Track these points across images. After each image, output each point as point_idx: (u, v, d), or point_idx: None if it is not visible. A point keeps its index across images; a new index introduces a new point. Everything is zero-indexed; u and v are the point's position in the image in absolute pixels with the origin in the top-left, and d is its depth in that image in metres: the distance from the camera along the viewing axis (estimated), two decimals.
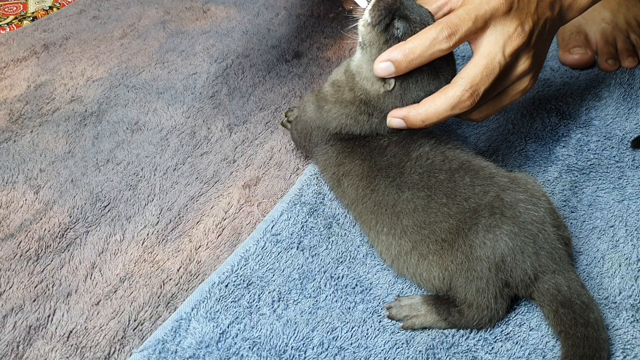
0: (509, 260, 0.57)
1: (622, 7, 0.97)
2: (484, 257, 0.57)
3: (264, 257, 0.67)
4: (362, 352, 0.58)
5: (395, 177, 0.63)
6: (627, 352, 0.58)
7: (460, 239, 0.58)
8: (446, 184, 0.61)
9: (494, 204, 0.58)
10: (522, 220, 0.57)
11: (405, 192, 0.62)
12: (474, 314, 0.58)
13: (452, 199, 0.60)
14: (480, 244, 0.57)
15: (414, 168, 0.63)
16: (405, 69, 0.59)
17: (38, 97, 0.92)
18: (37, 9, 1.15)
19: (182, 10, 1.15)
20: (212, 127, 0.87)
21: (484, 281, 0.57)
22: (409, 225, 0.61)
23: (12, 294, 0.64)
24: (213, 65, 0.99)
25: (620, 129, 0.83)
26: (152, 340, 0.59)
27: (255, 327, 0.60)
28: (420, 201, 0.61)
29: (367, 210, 0.65)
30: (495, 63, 0.58)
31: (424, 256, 0.60)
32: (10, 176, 0.78)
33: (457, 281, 0.58)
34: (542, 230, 0.58)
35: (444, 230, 0.59)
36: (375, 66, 0.60)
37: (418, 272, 0.62)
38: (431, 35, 0.57)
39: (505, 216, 0.57)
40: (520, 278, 0.57)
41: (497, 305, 0.58)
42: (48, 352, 0.59)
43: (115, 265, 0.68)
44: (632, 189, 0.74)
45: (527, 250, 0.57)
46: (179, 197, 0.76)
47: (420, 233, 0.60)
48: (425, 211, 0.60)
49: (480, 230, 0.57)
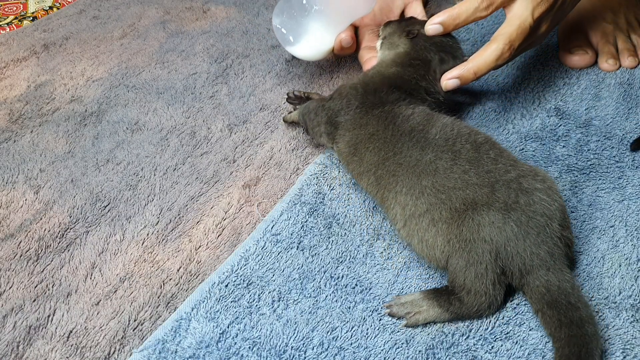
0: (511, 246, 0.57)
1: (623, 7, 0.97)
2: (488, 239, 0.57)
3: (264, 257, 0.67)
4: (362, 352, 0.58)
5: (419, 140, 0.65)
6: (627, 352, 0.58)
7: (471, 212, 0.58)
8: (471, 153, 0.62)
9: (512, 186, 0.59)
10: (534, 209, 0.58)
11: (429, 154, 0.63)
12: (473, 300, 0.58)
13: (475, 168, 0.61)
14: (488, 223, 0.57)
15: (439, 134, 0.65)
16: (452, 28, 0.75)
17: (38, 97, 0.92)
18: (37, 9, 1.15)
19: (182, 10, 1.15)
20: (212, 127, 0.87)
21: (483, 266, 0.57)
22: (427, 186, 0.62)
23: (12, 294, 0.64)
24: (213, 65, 0.99)
25: (620, 129, 0.83)
26: (152, 340, 0.59)
27: (255, 327, 0.60)
28: (442, 163, 0.62)
29: (387, 173, 0.66)
30: (527, 24, 0.73)
31: (435, 222, 0.61)
32: (10, 176, 0.78)
33: (457, 263, 0.59)
34: (549, 225, 0.58)
35: (460, 199, 0.60)
36: (427, 28, 0.75)
37: (425, 238, 0.62)
38: (474, 5, 0.73)
39: (519, 202, 0.58)
40: (517, 267, 0.57)
41: (495, 291, 0.58)
42: (48, 352, 0.59)
43: (115, 265, 0.68)
44: (632, 189, 0.74)
45: (530, 240, 0.57)
46: (179, 197, 0.76)
47: (437, 197, 0.61)
48: (446, 175, 0.61)
49: (491, 211, 0.58)
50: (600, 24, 0.96)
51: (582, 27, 0.97)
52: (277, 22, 0.87)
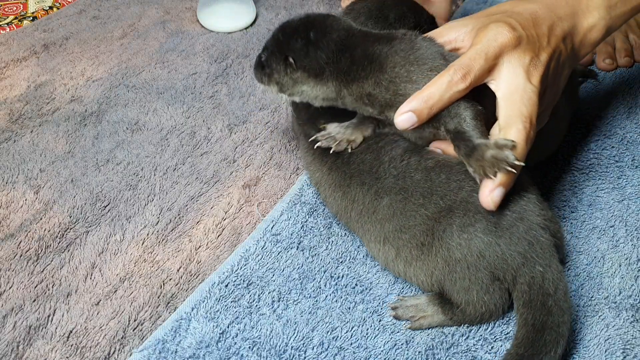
0: (488, 255, 0.56)
1: None
2: (462, 258, 0.56)
3: (264, 257, 0.67)
4: (362, 352, 0.58)
5: (372, 184, 0.62)
6: (627, 352, 0.58)
7: (437, 241, 0.57)
8: (422, 184, 0.60)
9: (469, 200, 0.57)
10: (498, 212, 0.56)
11: (385, 198, 0.61)
12: (475, 311, 0.58)
13: (429, 198, 0.59)
14: (456, 245, 0.56)
15: (388, 171, 0.62)
16: (427, 115, 0.57)
17: (38, 97, 0.92)
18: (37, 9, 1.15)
19: (182, 10, 1.14)
20: (212, 127, 0.87)
21: (466, 281, 0.57)
22: (390, 231, 0.61)
23: (12, 294, 0.64)
24: (213, 65, 0.99)
25: (620, 128, 0.83)
26: (152, 340, 0.59)
27: (255, 327, 0.60)
28: (398, 205, 0.60)
29: (352, 220, 0.65)
30: (529, 92, 0.56)
31: (409, 262, 0.60)
32: (10, 176, 0.78)
33: (444, 284, 0.59)
34: (521, 220, 0.56)
35: (423, 233, 0.58)
36: (397, 120, 0.58)
37: (409, 277, 0.62)
38: (446, 79, 0.56)
39: (480, 212, 0.56)
40: (503, 269, 0.56)
41: (492, 299, 0.58)
42: (48, 352, 0.59)
43: (115, 265, 0.68)
44: (631, 188, 0.74)
45: (504, 241, 0.56)
46: (179, 197, 0.76)
47: (402, 238, 0.60)
48: (403, 214, 0.60)
49: (454, 232, 0.57)
50: None
51: None
52: None
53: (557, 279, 0.56)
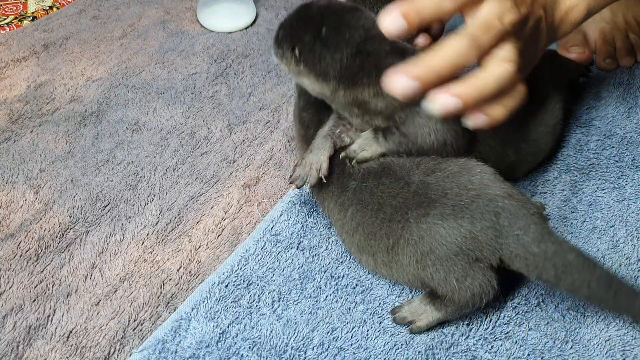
0: (453, 239, 0.54)
1: (622, 6, 0.97)
2: (428, 250, 0.55)
3: (264, 257, 0.67)
4: (362, 353, 0.58)
5: (339, 196, 0.63)
6: (626, 353, 0.58)
7: (401, 240, 0.57)
8: (375, 189, 0.60)
9: (419, 192, 0.57)
10: (451, 195, 0.55)
11: (349, 209, 0.61)
12: (463, 298, 0.57)
13: (384, 201, 0.59)
14: (418, 239, 0.56)
15: (349, 182, 0.62)
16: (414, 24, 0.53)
17: (38, 97, 0.92)
18: (37, 9, 1.15)
19: (182, 10, 1.14)
20: (212, 127, 0.87)
21: (441, 272, 0.56)
22: (361, 241, 0.61)
23: (12, 294, 0.64)
24: (213, 65, 0.99)
25: (620, 128, 0.83)
26: (152, 340, 0.59)
27: (255, 327, 0.60)
28: (358, 214, 0.60)
29: (337, 232, 0.66)
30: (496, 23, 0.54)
31: (388, 266, 0.60)
32: (10, 176, 0.78)
33: (424, 281, 0.58)
34: (478, 197, 0.55)
35: (386, 236, 0.58)
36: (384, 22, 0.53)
37: (395, 280, 0.62)
38: None
39: (433, 200, 0.56)
40: (478, 248, 0.55)
41: (475, 281, 0.56)
42: (48, 352, 0.59)
43: (115, 265, 0.68)
44: (632, 188, 0.74)
45: (467, 222, 0.54)
46: (179, 197, 0.76)
47: (372, 245, 0.60)
48: (366, 223, 0.60)
49: (412, 226, 0.56)
50: (598, 23, 0.96)
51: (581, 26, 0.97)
52: None
53: (540, 233, 0.54)
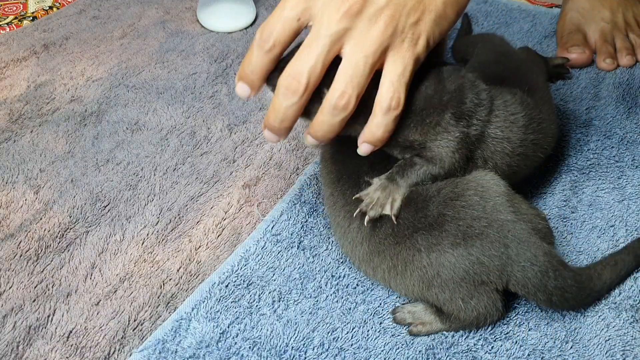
0: (462, 266, 0.55)
1: (622, 6, 0.97)
2: (436, 275, 0.56)
3: (264, 257, 0.67)
4: (362, 353, 0.58)
5: (344, 205, 0.62)
6: (626, 353, 0.58)
7: (409, 265, 0.57)
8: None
9: (434, 223, 0.56)
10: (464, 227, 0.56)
11: (355, 221, 0.61)
12: (469, 317, 0.58)
13: (397, 227, 0.58)
14: (427, 265, 0.56)
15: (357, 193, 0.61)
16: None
17: (38, 97, 0.92)
18: (37, 9, 1.15)
19: (182, 10, 1.14)
20: (212, 127, 0.87)
21: (447, 293, 0.57)
22: (364, 255, 0.61)
23: (12, 294, 0.64)
24: (213, 65, 0.99)
25: (620, 128, 0.83)
26: (152, 340, 0.59)
27: (256, 327, 0.60)
28: (367, 229, 0.60)
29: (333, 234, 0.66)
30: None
31: (389, 281, 0.60)
32: (10, 176, 0.78)
33: (428, 299, 0.59)
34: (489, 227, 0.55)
35: (393, 257, 0.58)
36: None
37: (393, 289, 0.62)
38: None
39: (444, 229, 0.56)
40: (485, 272, 0.55)
41: (481, 302, 0.57)
42: (48, 352, 0.59)
43: (115, 265, 0.68)
44: (632, 188, 0.74)
45: (476, 250, 0.55)
46: (179, 197, 0.76)
47: (376, 261, 0.60)
48: (375, 241, 0.60)
49: (423, 253, 0.56)
50: (598, 23, 0.96)
51: (581, 26, 0.97)
52: None
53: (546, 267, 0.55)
